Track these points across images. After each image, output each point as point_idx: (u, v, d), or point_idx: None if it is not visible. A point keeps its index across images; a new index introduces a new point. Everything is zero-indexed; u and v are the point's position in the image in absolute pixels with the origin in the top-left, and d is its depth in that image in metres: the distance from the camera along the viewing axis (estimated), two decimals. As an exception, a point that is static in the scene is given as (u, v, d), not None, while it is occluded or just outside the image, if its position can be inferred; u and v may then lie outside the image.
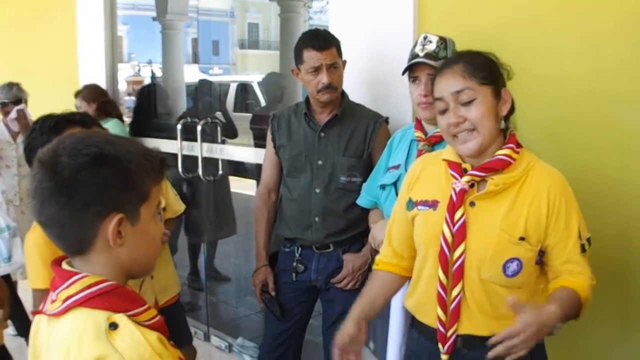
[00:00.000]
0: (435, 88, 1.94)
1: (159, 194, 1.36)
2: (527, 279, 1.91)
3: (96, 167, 1.23)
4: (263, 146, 3.21)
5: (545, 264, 1.93)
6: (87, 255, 1.29)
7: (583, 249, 1.89)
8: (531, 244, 1.87)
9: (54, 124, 2.29)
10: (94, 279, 1.26)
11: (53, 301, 1.28)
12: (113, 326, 1.20)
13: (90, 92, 4.67)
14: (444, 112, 1.91)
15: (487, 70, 1.89)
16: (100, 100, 4.65)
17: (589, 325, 1.97)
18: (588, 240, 1.91)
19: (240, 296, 5.03)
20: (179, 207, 3.15)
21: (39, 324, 1.35)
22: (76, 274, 1.28)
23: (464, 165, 1.93)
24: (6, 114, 4.86)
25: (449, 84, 1.88)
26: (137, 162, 1.28)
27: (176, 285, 3.16)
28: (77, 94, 4.63)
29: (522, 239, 1.86)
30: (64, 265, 1.32)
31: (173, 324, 3.05)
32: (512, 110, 1.94)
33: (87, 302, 1.24)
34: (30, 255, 2.36)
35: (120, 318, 1.22)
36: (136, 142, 1.34)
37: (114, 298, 1.26)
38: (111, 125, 4.49)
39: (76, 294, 1.25)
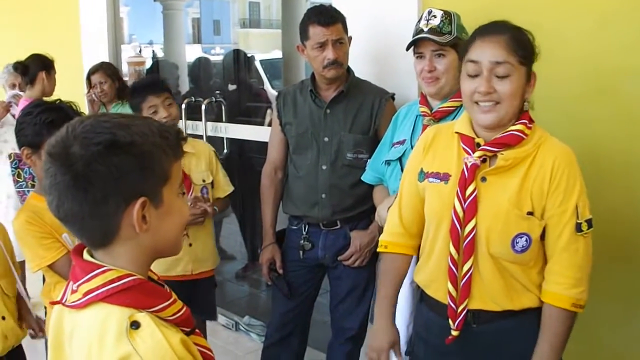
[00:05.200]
0: (473, 49, 1.88)
1: (180, 170, 1.28)
2: (536, 256, 1.90)
3: (110, 155, 1.14)
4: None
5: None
6: (110, 247, 1.22)
7: (579, 229, 1.84)
8: (538, 218, 1.86)
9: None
10: (117, 273, 1.20)
11: (74, 292, 1.23)
12: (135, 325, 1.15)
13: (114, 70, 4.59)
14: (474, 76, 1.86)
15: (527, 49, 1.86)
16: (122, 80, 4.63)
17: (595, 304, 1.96)
18: (588, 222, 1.85)
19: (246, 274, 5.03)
20: (228, 187, 3.24)
21: (61, 314, 1.28)
22: (98, 266, 1.22)
23: (477, 140, 1.90)
24: None
25: (492, 53, 1.83)
26: (152, 142, 1.19)
27: (213, 260, 3.25)
28: (96, 70, 4.49)
29: (530, 213, 1.85)
30: (85, 256, 1.25)
31: (204, 297, 3.15)
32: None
33: (109, 297, 1.18)
34: (24, 239, 2.33)
35: (143, 317, 1.16)
36: (150, 121, 1.25)
37: (137, 294, 1.20)
38: None
39: (97, 288, 1.19)
